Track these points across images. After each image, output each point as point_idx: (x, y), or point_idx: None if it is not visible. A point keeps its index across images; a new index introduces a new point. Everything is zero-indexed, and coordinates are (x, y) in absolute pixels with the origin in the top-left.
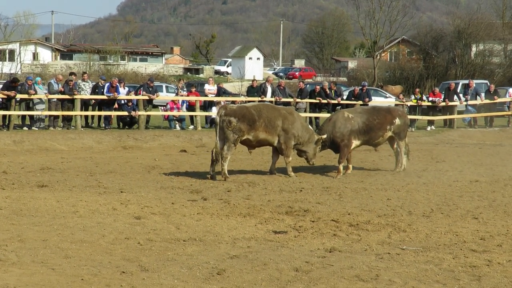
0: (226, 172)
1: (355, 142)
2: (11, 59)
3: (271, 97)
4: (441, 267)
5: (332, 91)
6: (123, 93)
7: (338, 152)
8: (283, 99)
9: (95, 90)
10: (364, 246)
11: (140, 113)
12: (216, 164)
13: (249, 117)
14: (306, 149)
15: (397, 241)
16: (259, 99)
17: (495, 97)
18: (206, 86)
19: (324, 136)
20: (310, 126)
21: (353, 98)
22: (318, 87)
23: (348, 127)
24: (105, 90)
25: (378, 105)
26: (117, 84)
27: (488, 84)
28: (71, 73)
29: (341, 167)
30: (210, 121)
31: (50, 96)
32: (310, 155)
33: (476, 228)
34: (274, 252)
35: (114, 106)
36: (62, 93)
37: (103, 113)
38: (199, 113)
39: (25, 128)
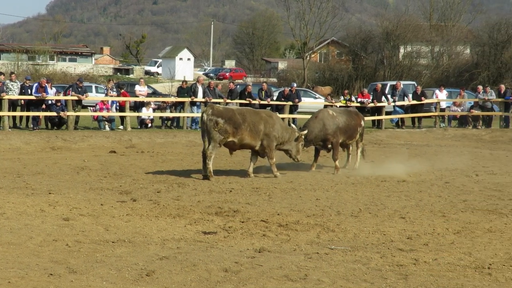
0: (212, 171)
1: (340, 139)
2: None
3: (202, 97)
4: (369, 266)
5: (263, 92)
6: (51, 94)
7: (323, 149)
8: (213, 100)
9: (22, 90)
10: (293, 246)
11: (69, 113)
12: (208, 164)
13: (235, 120)
14: (288, 148)
15: (326, 241)
16: (190, 99)
17: (422, 98)
18: (137, 87)
19: (305, 132)
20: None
21: (283, 99)
22: (250, 86)
23: (335, 124)
24: (33, 91)
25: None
26: (46, 84)
27: (416, 85)
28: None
29: (337, 163)
30: (140, 122)
31: None
32: (294, 153)
33: (403, 227)
34: (203, 252)
35: (42, 107)
36: None
37: (31, 113)
38: (128, 113)
39: None
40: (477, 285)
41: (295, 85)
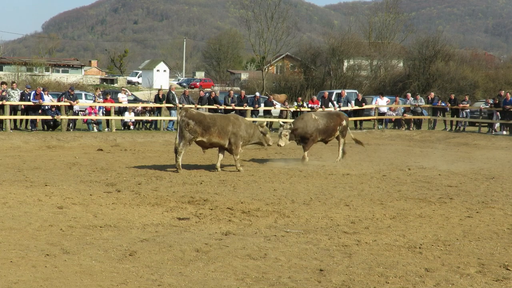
0: (180, 165)
1: (317, 138)
2: None
3: (180, 103)
4: (319, 246)
5: (229, 98)
6: (47, 100)
7: (301, 143)
8: (186, 105)
9: (22, 97)
10: (255, 230)
11: (62, 117)
12: (178, 158)
13: (205, 123)
14: (257, 141)
15: (282, 225)
16: (166, 105)
17: (363, 104)
18: (120, 95)
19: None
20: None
21: (240, 102)
22: (213, 93)
23: (315, 126)
24: (31, 97)
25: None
26: (42, 92)
27: (357, 93)
28: (2, 83)
29: (305, 154)
30: (123, 124)
31: None
32: (264, 142)
33: (348, 213)
34: (178, 235)
35: (39, 111)
36: None
37: (29, 117)
38: (113, 117)
39: None
40: (410, 262)
41: (258, 94)
